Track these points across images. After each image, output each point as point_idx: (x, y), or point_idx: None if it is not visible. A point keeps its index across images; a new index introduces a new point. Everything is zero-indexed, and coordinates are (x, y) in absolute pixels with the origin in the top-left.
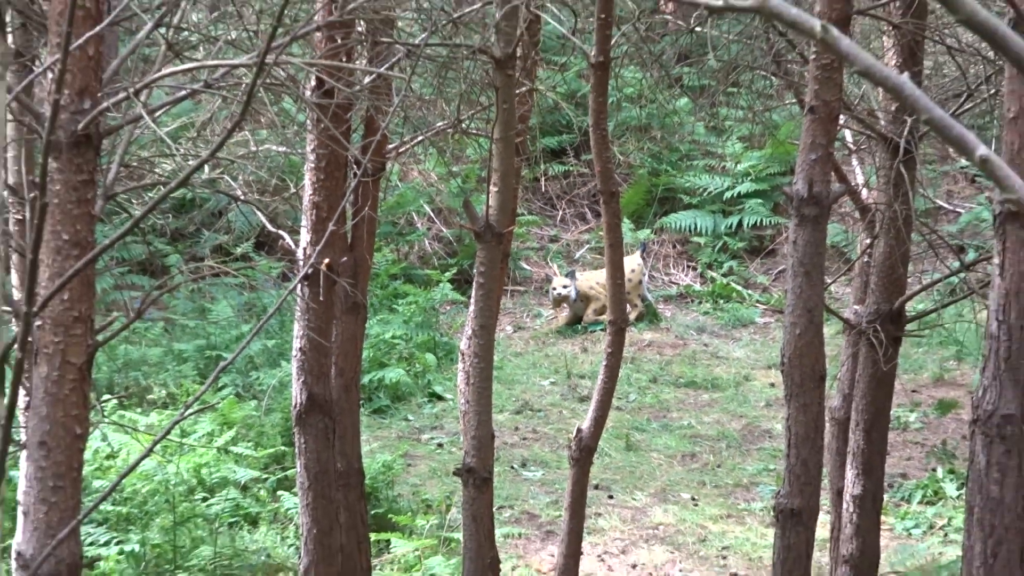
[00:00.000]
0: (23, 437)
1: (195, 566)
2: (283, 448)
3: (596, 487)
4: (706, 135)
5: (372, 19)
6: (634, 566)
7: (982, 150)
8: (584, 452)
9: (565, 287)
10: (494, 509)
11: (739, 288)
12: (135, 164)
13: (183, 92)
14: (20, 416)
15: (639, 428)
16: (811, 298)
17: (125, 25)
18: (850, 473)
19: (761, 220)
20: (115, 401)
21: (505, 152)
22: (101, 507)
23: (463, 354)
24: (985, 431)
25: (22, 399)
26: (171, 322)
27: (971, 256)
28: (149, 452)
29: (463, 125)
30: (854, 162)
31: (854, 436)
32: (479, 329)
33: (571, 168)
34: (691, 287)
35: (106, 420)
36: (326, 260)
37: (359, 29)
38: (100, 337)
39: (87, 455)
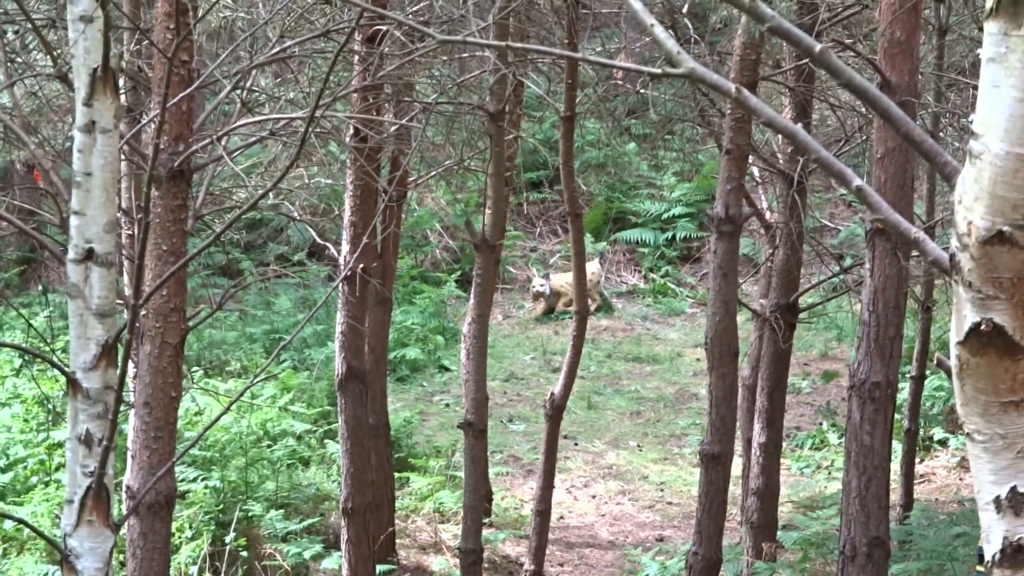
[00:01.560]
0: (132, 399)
1: (261, 496)
2: (328, 407)
3: (565, 437)
4: (648, 171)
5: (396, 83)
6: (594, 496)
7: (857, 181)
8: (556, 410)
9: (542, 285)
10: (488, 454)
11: (673, 286)
12: (217, 192)
13: (253, 138)
14: (130, 383)
15: (597, 392)
16: (727, 294)
17: (210, 87)
18: (757, 426)
19: (690, 235)
20: (201, 371)
21: (497, 183)
22: (190, 452)
23: (464, 336)
24: (859, 394)
25: (131, 370)
26: (244, 312)
27: (848, 262)
28: (227, 409)
29: (465, 163)
30: (760, 191)
31: (760, 398)
32: (476, 317)
33: (546, 195)
34: (637, 286)
35: (194, 386)
36: (361, 265)
37: (386, 91)
38: (190, 323)
39: (180, 412)
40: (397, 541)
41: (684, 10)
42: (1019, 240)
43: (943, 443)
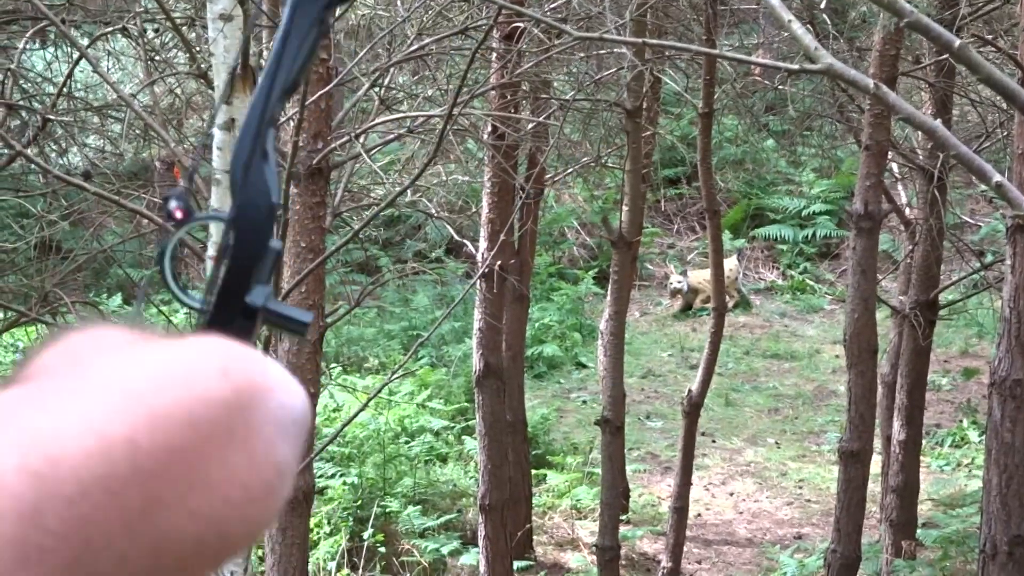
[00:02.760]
0: None
1: (399, 493)
2: (466, 404)
3: (702, 434)
4: (787, 167)
5: (533, 81)
6: (731, 493)
7: (997, 178)
8: (693, 407)
9: (679, 282)
10: (625, 450)
11: (811, 283)
12: (355, 190)
13: (391, 136)
14: None
15: (735, 389)
16: (866, 290)
17: (348, 85)
18: (896, 423)
19: (829, 232)
20: (340, 368)
21: (634, 180)
22: (328, 448)
23: (601, 333)
24: (1000, 392)
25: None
26: (382, 309)
27: (989, 259)
28: (365, 406)
29: (603, 160)
30: (899, 187)
31: (899, 395)
32: (614, 314)
33: (684, 192)
34: (775, 282)
35: (333, 382)
36: (499, 262)
37: (524, 88)
38: (329, 319)
39: (318, 409)
40: (534, 538)
41: (822, 5)
42: None
43: None
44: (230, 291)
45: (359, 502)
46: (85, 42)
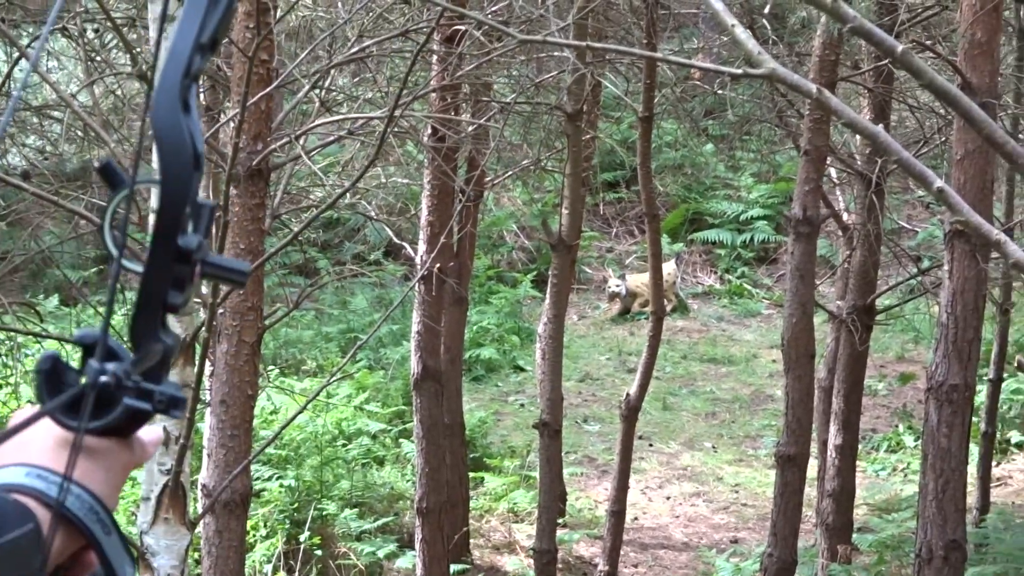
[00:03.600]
0: (208, 397)
1: (336, 496)
2: (403, 407)
3: (640, 438)
4: (725, 172)
5: (474, 83)
6: (668, 497)
7: (938, 183)
8: (631, 411)
9: (617, 286)
10: (562, 454)
11: (749, 288)
12: (295, 192)
13: (331, 138)
14: (206, 381)
15: (672, 393)
16: (804, 295)
17: (289, 87)
18: (833, 428)
19: (767, 237)
20: (278, 370)
21: (574, 184)
22: (266, 451)
23: (540, 336)
24: (936, 397)
25: (208, 369)
26: (320, 311)
27: (926, 264)
28: (303, 409)
29: (542, 163)
30: (837, 192)
31: (836, 400)
32: (552, 317)
33: (623, 196)
34: (713, 287)
35: (270, 384)
36: (438, 265)
37: (464, 91)
38: (267, 322)
39: (256, 411)
40: (471, 541)
41: (764, 10)
42: None
43: (1020, 446)
44: (161, 235)
45: (296, 505)
46: (25, 41)
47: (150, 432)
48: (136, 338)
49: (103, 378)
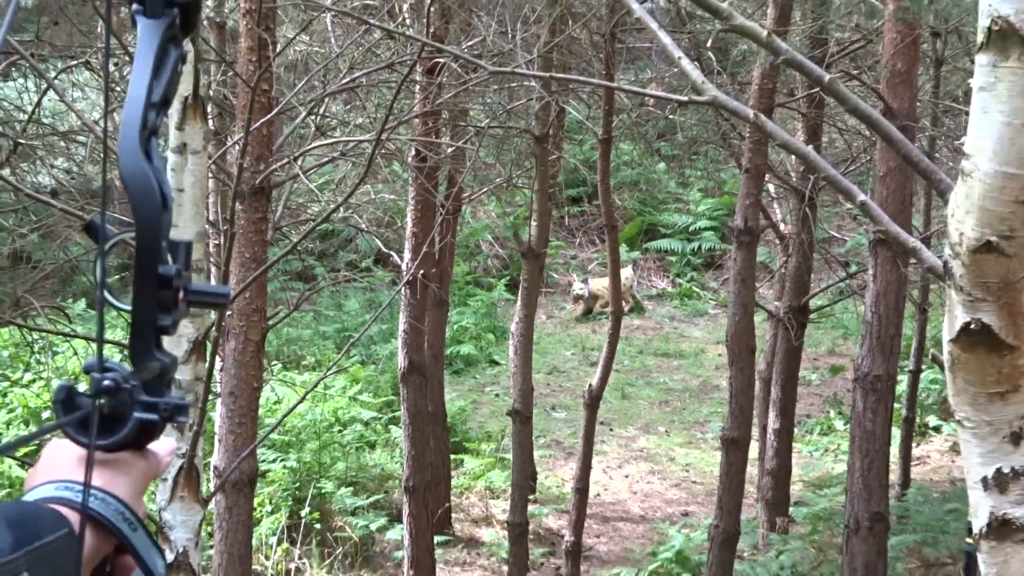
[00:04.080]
0: (219, 389)
1: (333, 476)
2: (392, 397)
3: (601, 423)
4: (676, 188)
5: (452, 110)
6: (626, 476)
7: (862, 197)
8: (593, 400)
9: (581, 289)
10: (533, 438)
11: (698, 290)
12: (294, 207)
13: (326, 158)
14: (217, 375)
15: (630, 384)
16: (746, 297)
17: (288, 113)
18: (772, 414)
19: (713, 245)
20: (280, 365)
21: (541, 199)
22: (270, 436)
23: (512, 334)
24: (863, 386)
25: (218, 364)
26: (318, 312)
27: (853, 269)
28: (302, 399)
29: (513, 181)
30: (775, 206)
31: (774, 389)
32: (523, 317)
33: (585, 209)
34: (666, 290)
35: (274, 378)
36: (421, 271)
37: (444, 116)
38: (270, 322)
39: (261, 401)
40: (452, 515)
41: (708, 44)
42: (1005, 249)
43: (937, 429)
44: (141, 267)
45: (297, 484)
46: (53, 74)
47: (164, 445)
48: (134, 358)
49: (105, 383)
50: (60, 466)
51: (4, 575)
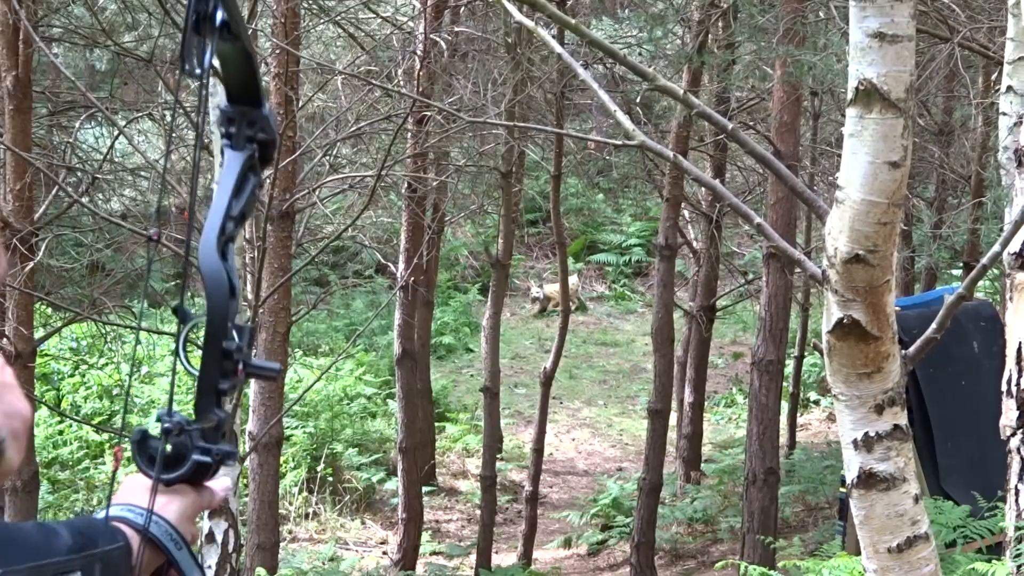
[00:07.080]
0: None
1: (343, 439)
2: (389, 377)
3: (553, 398)
4: (612, 213)
5: (437, 151)
6: (573, 440)
7: (757, 220)
8: (547, 379)
9: (538, 292)
10: (500, 409)
11: (629, 293)
12: (312, 228)
13: (338, 190)
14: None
15: (576, 367)
16: (667, 298)
17: (307, 154)
18: (687, 390)
19: (641, 258)
20: (301, 352)
21: (507, 222)
22: (293, 408)
23: (484, 328)
24: (759, 369)
25: (253, 351)
26: (331, 311)
27: (751, 276)
28: (319, 379)
29: (485, 207)
30: (689, 227)
31: (689, 371)
32: (492, 315)
33: (541, 230)
34: (604, 293)
35: (296, 361)
36: (412, 278)
37: (430, 156)
38: (294, 318)
39: (286, 380)
40: (437, 470)
41: (637, 100)
42: (870, 260)
43: (816, 403)
44: (210, 341)
45: (314, 446)
46: (123, 123)
47: (221, 483)
48: (198, 411)
49: (167, 424)
50: (130, 492)
51: (61, 569)
